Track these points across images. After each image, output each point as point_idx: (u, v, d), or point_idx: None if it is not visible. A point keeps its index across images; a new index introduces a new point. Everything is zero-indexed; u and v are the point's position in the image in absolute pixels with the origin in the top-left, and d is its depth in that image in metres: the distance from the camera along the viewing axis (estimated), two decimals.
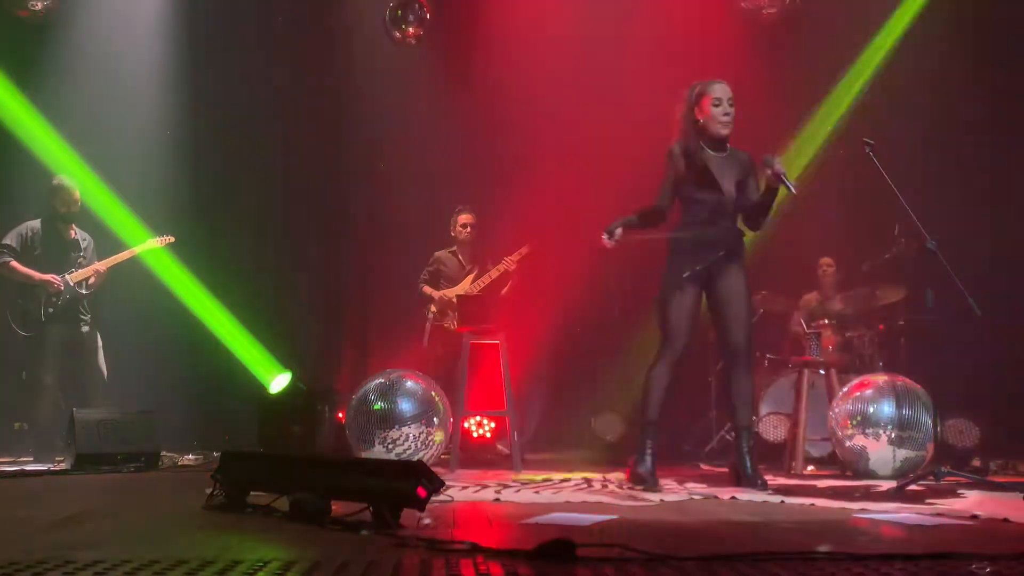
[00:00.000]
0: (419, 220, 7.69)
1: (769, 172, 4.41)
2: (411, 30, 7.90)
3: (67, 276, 6.58)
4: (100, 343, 6.72)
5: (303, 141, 7.96)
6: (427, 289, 7.02)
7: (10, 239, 6.60)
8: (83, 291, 6.64)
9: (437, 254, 7.15)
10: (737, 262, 4.65)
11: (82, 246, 6.72)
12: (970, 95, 7.05)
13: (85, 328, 6.66)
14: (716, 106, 4.58)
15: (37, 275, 6.52)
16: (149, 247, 6.83)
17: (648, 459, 4.52)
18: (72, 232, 6.70)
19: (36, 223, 6.68)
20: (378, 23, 7.93)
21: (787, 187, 4.36)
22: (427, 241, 7.42)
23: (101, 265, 6.69)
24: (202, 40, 7.69)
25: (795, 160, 7.39)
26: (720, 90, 4.61)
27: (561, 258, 7.25)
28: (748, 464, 4.59)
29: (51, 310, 6.54)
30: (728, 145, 4.67)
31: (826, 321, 6.69)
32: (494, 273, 6.88)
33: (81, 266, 6.66)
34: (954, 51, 6.99)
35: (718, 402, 6.99)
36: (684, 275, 4.55)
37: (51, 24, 7.63)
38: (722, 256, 4.58)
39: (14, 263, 6.53)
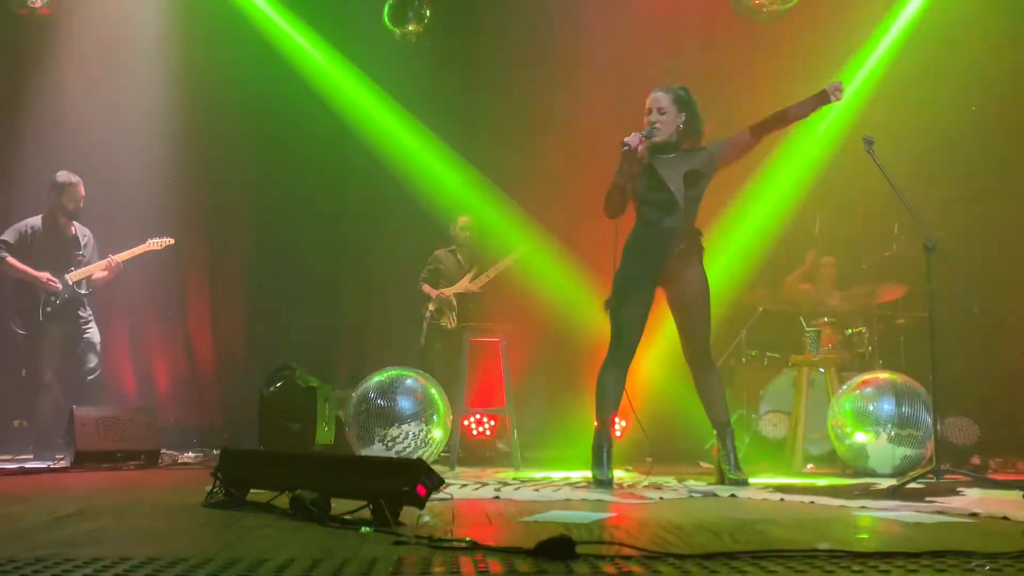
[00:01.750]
0: (418, 218, 7.69)
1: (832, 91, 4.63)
2: (411, 26, 7.89)
3: (67, 276, 6.53)
4: (99, 341, 6.68)
5: (303, 138, 7.96)
6: (426, 288, 7.03)
7: (8, 235, 6.54)
8: (82, 291, 6.59)
9: (436, 253, 7.17)
10: (695, 259, 4.67)
11: (82, 243, 6.69)
12: (969, 91, 7.05)
13: (86, 327, 6.60)
14: (647, 115, 4.67)
15: (34, 273, 6.47)
16: (150, 249, 6.79)
17: (604, 461, 4.53)
18: (72, 229, 6.67)
19: (37, 220, 6.63)
20: (377, 19, 7.92)
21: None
22: (426, 239, 7.43)
23: (102, 265, 6.60)
24: (202, 38, 7.68)
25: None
26: (650, 100, 4.69)
27: (563, 254, 7.26)
28: (732, 460, 4.61)
29: (49, 309, 6.48)
30: (684, 146, 4.69)
31: (826, 319, 6.69)
32: (491, 272, 6.90)
33: (81, 264, 6.63)
34: (953, 48, 6.99)
35: None
36: (637, 277, 4.57)
37: (51, 21, 7.62)
38: (678, 253, 4.59)
39: (10, 259, 6.47)
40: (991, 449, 6.34)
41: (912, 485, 4.44)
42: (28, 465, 5.89)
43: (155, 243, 6.80)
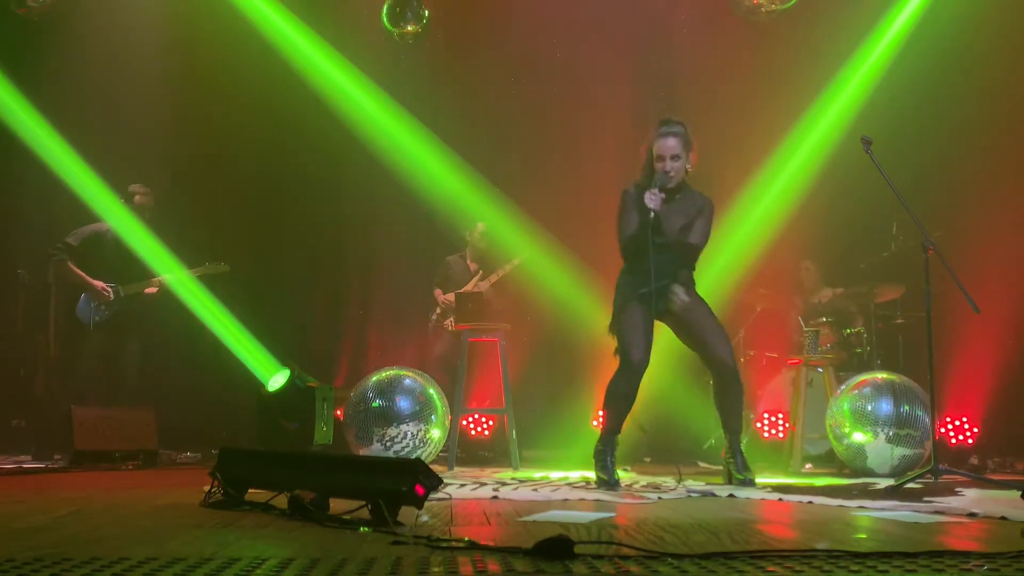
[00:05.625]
0: (418, 220, 7.69)
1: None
2: (409, 28, 7.88)
3: (120, 288, 6.46)
4: (139, 351, 6.64)
5: (302, 140, 7.95)
6: (437, 293, 7.08)
7: (72, 238, 6.44)
8: (133, 305, 6.51)
9: (447, 259, 7.21)
10: (688, 290, 4.67)
11: (139, 255, 6.61)
12: (969, 91, 7.06)
13: (131, 339, 6.55)
14: (659, 162, 4.60)
15: (89, 280, 6.38)
16: (206, 272, 6.74)
17: (609, 466, 4.57)
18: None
19: (103, 226, 6.53)
20: (376, 21, 7.91)
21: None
22: (426, 240, 7.42)
23: (155, 281, 6.55)
24: (203, 40, 7.65)
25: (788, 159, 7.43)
26: (663, 147, 4.59)
27: (562, 256, 7.27)
28: (739, 462, 4.64)
29: (98, 318, 6.41)
30: (685, 187, 4.68)
31: (824, 319, 6.70)
32: (493, 277, 6.91)
33: (139, 276, 6.55)
34: (952, 47, 6.99)
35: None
36: (633, 299, 4.59)
37: (52, 21, 7.60)
38: (666, 287, 4.59)
39: (69, 263, 6.37)
40: (989, 449, 6.35)
41: (910, 485, 4.45)
42: (26, 465, 5.88)
43: (211, 267, 6.75)
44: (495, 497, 3.91)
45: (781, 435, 6.53)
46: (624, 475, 5.04)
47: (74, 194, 6.71)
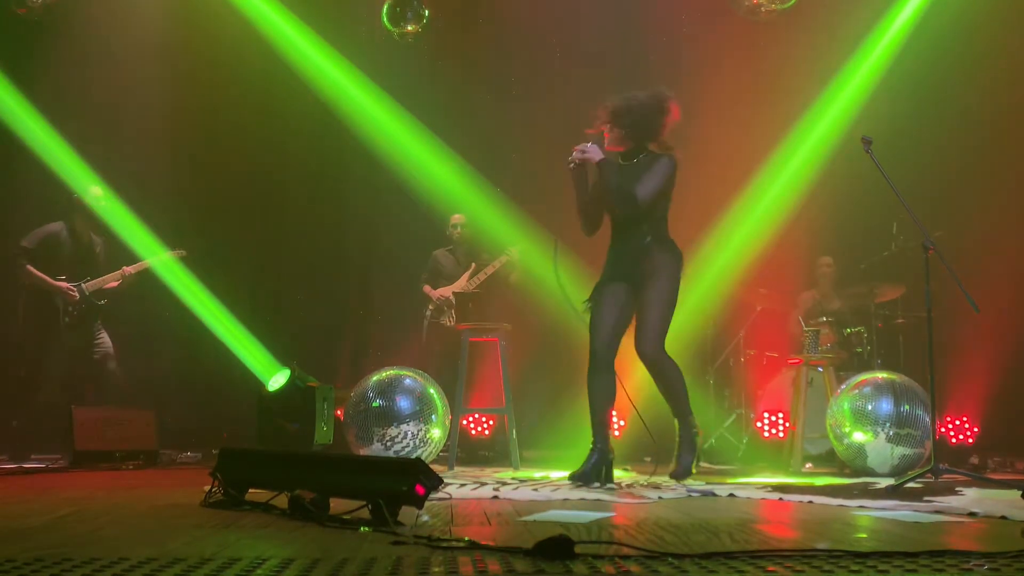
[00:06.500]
0: (418, 218, 7.69)
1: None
2: (409, 27, 7.88)
3: (83, 285, 6.46)
4: (113, 352, 6.65)
5: (302, 139, 7.95)
6: (426, 289, 7.06)
7: (28, 242, 6.45)
8: (100, 301, 6.53)
9: (434, 253, 7.19)
10: (657, 263, 4.65)
11: (96, 250, 6.64)
12: (969, 91, 7.06)
13: (99, 336, 6.55)
14: None
15: (53, 282, 6.39)
16: (162, 259, 6.74)
17: (594, 457, 4.59)
18: (89, 236, 6.61)
19: (57, 226, 6.54)
20: (376, 21, 7.91)
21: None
22: (426, 239, 7.42)
23: (116, 276, 6.55)
24: (202, 39, 7.65)
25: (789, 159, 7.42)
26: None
27: (562, 254, 7.27)
28: (680, 450, 4.71)
29: (67, 319, 6.41)
30: (648, 150, 4.73)
31: (824, 319, 6.70)
32: (489, 270, 6.90)
33: (98, 271, 6.55)
34: (953, 48, 7.00)
35: (717, 398, 7.01)
36: (606, 279, 4.74)
37: (52, 21, 7.60)
38: (641, 264, 4.63)
39: (30, 267, 6.38)
40: (989, 449, 6.35)
41: (910, 484, 4.45)
42: (27, 464, 5.88)
43: (168, 254, 6.76)
44: (495, 497, 3.91)
45: (781, 435, 6.53)
46: (624, 475, 5.04)
47: (74, 194, 6.70)
